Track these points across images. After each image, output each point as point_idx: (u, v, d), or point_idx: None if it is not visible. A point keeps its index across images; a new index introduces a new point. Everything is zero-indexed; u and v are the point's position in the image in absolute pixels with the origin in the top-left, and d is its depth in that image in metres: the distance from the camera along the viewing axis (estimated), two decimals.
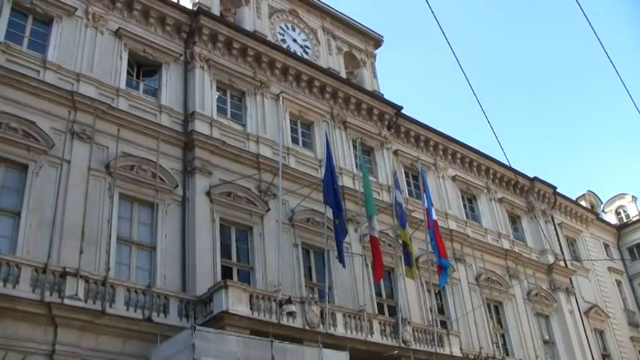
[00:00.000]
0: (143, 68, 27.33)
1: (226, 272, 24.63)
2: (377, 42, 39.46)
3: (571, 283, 42.71)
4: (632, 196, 58.47)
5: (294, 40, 34.63)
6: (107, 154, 23.60)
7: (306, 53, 34.66)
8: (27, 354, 18.41)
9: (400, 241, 28.96)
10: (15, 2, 23.97)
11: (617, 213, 58.72)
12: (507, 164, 39.60)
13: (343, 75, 35.69)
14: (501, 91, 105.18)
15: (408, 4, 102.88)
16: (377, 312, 27.92)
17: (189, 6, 29.80)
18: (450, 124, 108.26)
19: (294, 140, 30.96)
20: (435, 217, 29.85)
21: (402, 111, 36.30)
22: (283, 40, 33.83)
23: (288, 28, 34.87)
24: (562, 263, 42.64)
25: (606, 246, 52.05)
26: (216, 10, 30.88)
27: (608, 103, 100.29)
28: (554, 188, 45.51)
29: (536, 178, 44.21)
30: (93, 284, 20.10)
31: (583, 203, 53.10)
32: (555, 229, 45.13)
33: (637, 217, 56.01)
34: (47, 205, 21.28)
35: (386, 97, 36.66)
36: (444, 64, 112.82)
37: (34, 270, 19.11)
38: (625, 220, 57.10)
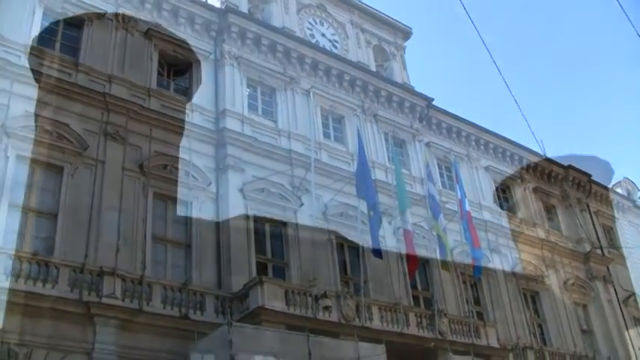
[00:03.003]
0: (173, 68, 27.52)
1: (261, 268, 24.69)
2: (406, 34, 39.21)
3: (608, 271, 42.07)
4: None
5: (323, 35, 34.58)
6: (140, 153, 23.84)
7: (335, 47, 34.59)
8: (67, 353, 18.72)
9: (434, 233, 28.86)
10: (46, 7, 24.30)
11: None
12: (541, 153, 39.39)
13: (373, 68, 35.53)
14: (533, 79, 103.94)
15: None
16: (413, 304, 27.83)
17: (218, 4, 29.91)
18: (481, 114, 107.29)
19: (326, 135, 30.93)
20: (468, 208, 29.74)
21: (433, 102, 36.09)
22: (312, 35, 33.81)
23: (316, 23, 34.83)
24: (599, 252, 42.05)
25: None
26: (244, 8, 30.95)
27: None
28: (589, 176, 44.95)
29: (570, 167, 43.71)
30: (130, 283, 20.37)
31: (619, 190, 52.34)
32: (591, 218, 44.47)
33: None
34: (83, 206, 21.56)
35: (416, 89, 36.51)
36: (473, 52, 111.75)
37: (72, 270, 19.43)
38: None
